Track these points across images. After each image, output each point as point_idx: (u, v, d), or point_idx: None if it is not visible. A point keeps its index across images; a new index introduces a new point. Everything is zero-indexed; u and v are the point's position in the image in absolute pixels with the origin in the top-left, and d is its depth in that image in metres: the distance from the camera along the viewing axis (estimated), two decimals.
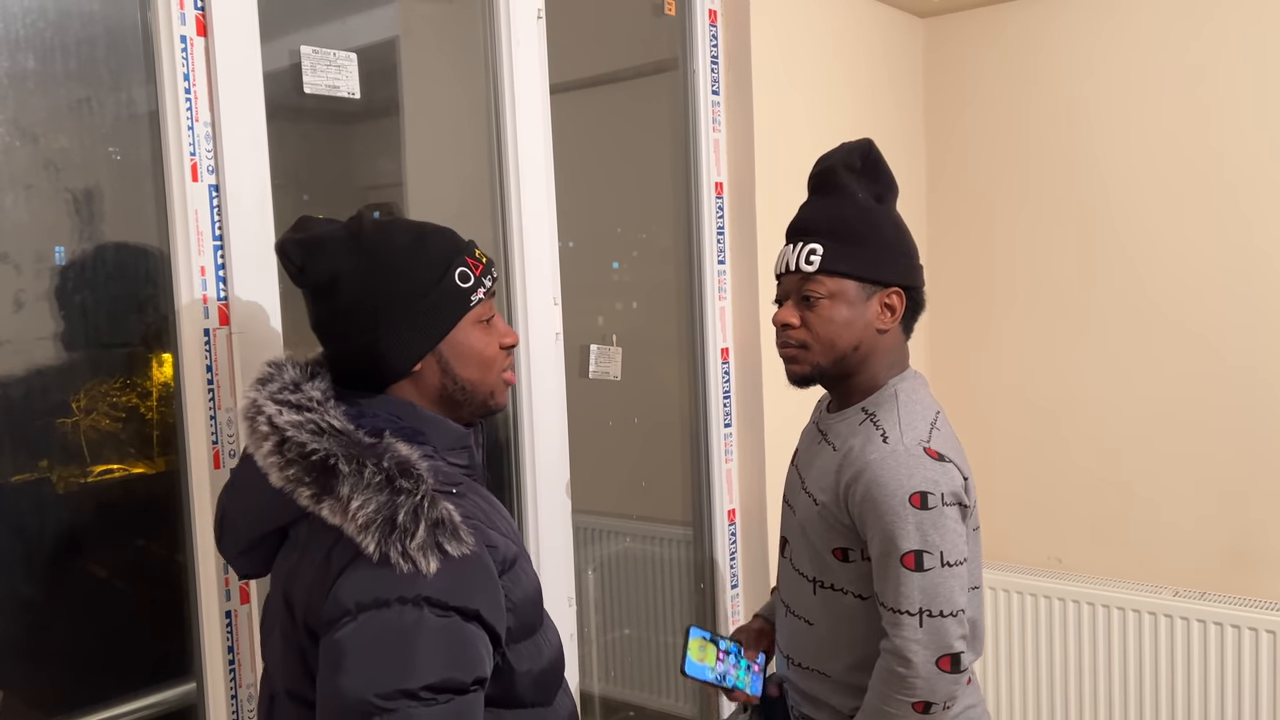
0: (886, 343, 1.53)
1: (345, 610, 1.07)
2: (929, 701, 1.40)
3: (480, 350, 1.26)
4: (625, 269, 2.43)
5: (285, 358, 1.25)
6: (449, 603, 1.08)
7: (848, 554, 1.50)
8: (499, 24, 1.92)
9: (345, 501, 1.08)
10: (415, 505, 1.08)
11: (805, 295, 1.50)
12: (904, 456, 1.42)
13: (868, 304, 1.49)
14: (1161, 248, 2.64)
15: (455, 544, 1.09)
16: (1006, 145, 2.86)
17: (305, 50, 1.60)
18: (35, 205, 1.39)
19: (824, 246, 1.48)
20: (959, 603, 1.41)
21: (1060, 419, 2.83)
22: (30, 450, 1.39)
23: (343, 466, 1.09)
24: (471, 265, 1.25)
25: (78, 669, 1.45)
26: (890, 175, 1.56)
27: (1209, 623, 2.52)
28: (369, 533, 1.07)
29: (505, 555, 1.18)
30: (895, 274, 1.51)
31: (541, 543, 2.01)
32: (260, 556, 1.26)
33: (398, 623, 1.06)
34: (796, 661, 1.61)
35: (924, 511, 1.39)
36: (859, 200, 1.51)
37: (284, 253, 1.23)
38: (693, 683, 1.57)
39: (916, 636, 1.39)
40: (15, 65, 1.35)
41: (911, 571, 1.39)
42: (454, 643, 1.08)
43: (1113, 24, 2.67)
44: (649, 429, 2.49)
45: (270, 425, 1.13)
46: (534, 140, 1.97)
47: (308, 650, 1.14)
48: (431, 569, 1.06)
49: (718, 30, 2.38)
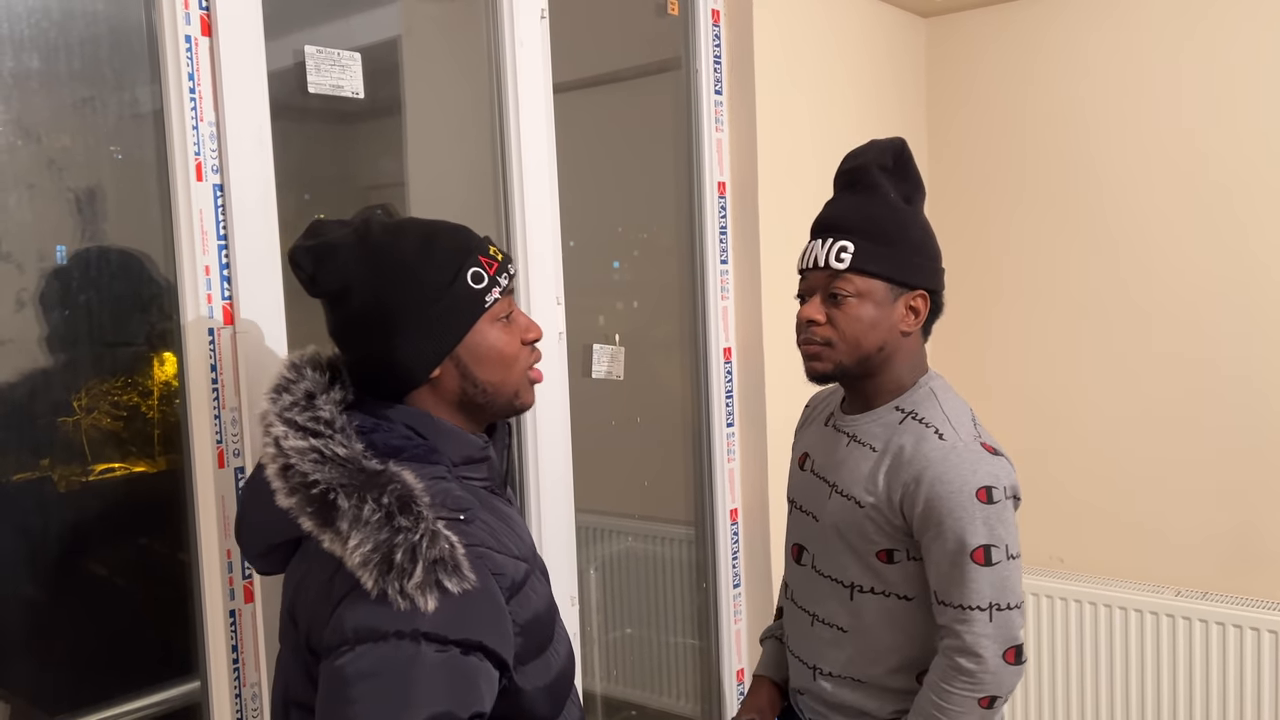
0: (909, 345, 1.53)
1: (344, 639, 1.05)
2: (994, 695, 1.41)
3: (501, 349, 1.22)
4: (627, 268, 2.43)
5: (307, 357, 1.22)
6: (448, 636, 1.05)
7: (893, 555, 1.48)
8: (502, 23, 1.92)
9: (344, 537, 1.06)
10: (413, 545, 1.05)
11: (833, 293, 1.48)
12: (965, 453, 1.42)
13: (894, 305, 1.49)
14: (1162, 248, 2.64)
15: (456, 580, 1.05)
16: (1008, 145, 2.87)
17: (309, 50, 1.60)
18: (38, 205, 1.39)
19: (855, 245, 1.47)
20: (1020, 594, 1.43)
21: (1061, 419, 2.83)
22: (32, 449, 1.39)
23: (341, 502, 1.07)
24: (485, 264, 1.21)
25: (81, 668, 1.45)
26: (919, 177, 1.56)
27: (1211, 623, 2.52)
28: (366, 570, 1.04)
29: (513, 579, 1.15)
30: (923, 277, 1.51)
31: (544, 542, 2.01)
32: (278, 559, 1.25)
33: (394, 657, 1.03)
34: (826, 671, 1.57)
35: (990, 506, 1.40)
36: (891, 200, 1.50)
37: (295, 261, 1.20)
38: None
39: (987, 631, 1.39)
40: (19, 64, 1.35)
41: (981, 566, 1.39)
42: (452, 677, 1.05)
43: (1114, 24, 2.67)
44: (651, 428, 2.49)
45: (277, 447, 1.12)
46: (537, 139, 1.97)
47: (312, 666, 1.13)
48: (430, 607, 1.03)
49: (720, 30, 2.38)
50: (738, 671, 2.51)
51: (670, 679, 2.54)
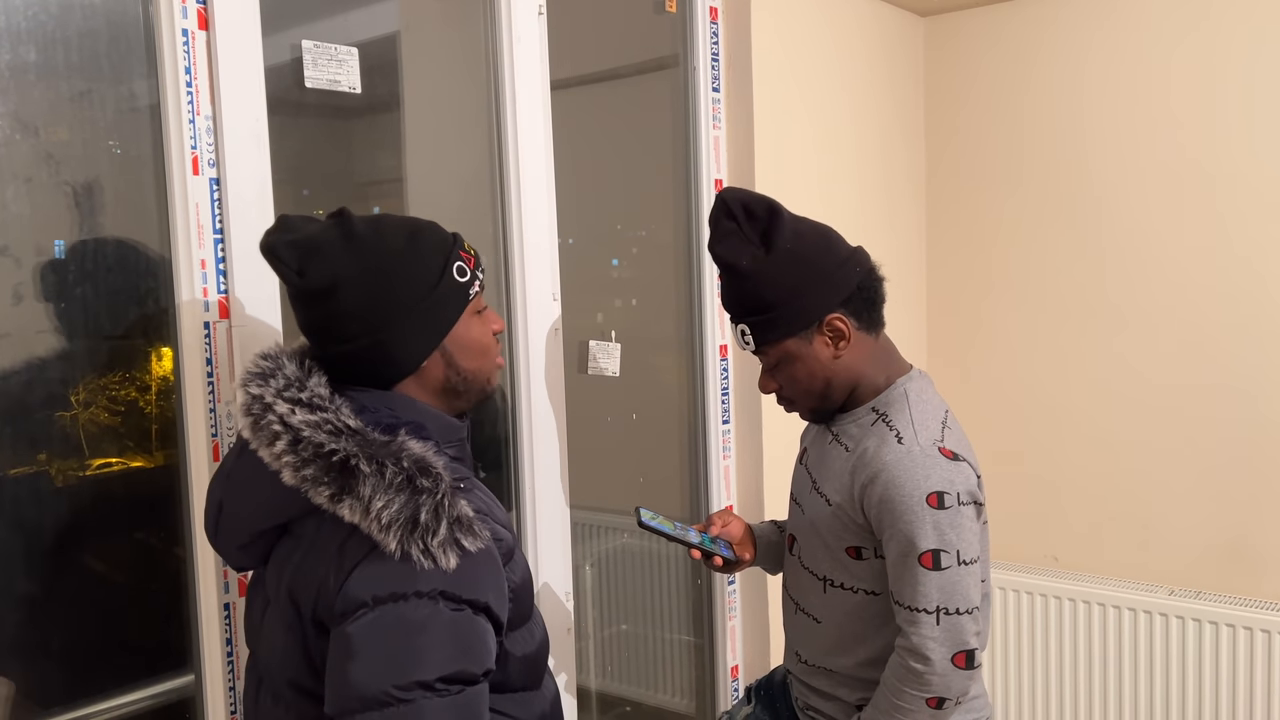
0: (856, 358, 1.53)
1: (361, 603, 1.08)
2: (943, 697, 1.42)
3: (480, 339, 1.29)
4: (624, 266, 2.43)
5: (276, 349, 1.24)
6: (463, 596, 1.10)
7: (860, 552, 1.51)
8: (500, 19, 1.92)
9: (366, 501, 1.09)
10: (437, 504, 1.10)
11: (765, 366, 1.56)
12: (920, 457, 1.43)
13: (812, 346, 1.51)
14: (1160, 247, 2.65)
15: (471, 539, 1.11)
16: (1007, 143, 2.87)
17: (306, 45, 1.60)
18: (35, 198, 1.39)
19: (747, 325, 1.52)
20: (974, 600, 1.43)
21: (1056, 417, 2.84)
22: (29, 443, 1.39)
23: (364, 467, 1.10)
24: (465, 259, 1.27)
25: (76, 661, 1.45)
26: (763, 204, 1.52)
27: (1204, 622, 2.53)
28: (391, 531, 1.08)
29: (508, 545, 1.22)
30: (817, 306, 1.49)
31: (539, 538, 2.01)
32: (259, 550, 1.26)
33: (413, 615, 1.08)
34: (804, 658, 1.63)
35: (941, 511, 1.41)
36: (746, 268, 1.49)
37: (275, 255, 1.21)
38: (650, 534, 1.59)
39: (934, 634, 1.41)
40: (16, 58, 1.35)
41: (929, 570, 1.41)
42: (466, 635, 1.11)
43: (1112, 23, 2.68)
44: (647, 425, 2.49)
45: (283, 424, 1.14)
46: (534, 136, 1.97)
47: (313, 643, 1.15)
48: (452, 564, 1.09)
49: (718, 27, 2.39)
50: (732, 668, 2.51)
51: (665, 675, 2.55)
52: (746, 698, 1.83)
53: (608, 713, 2.48)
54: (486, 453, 1.99)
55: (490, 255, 1.97)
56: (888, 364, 1.56)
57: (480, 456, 2.00)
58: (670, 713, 2.56)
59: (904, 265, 2.90)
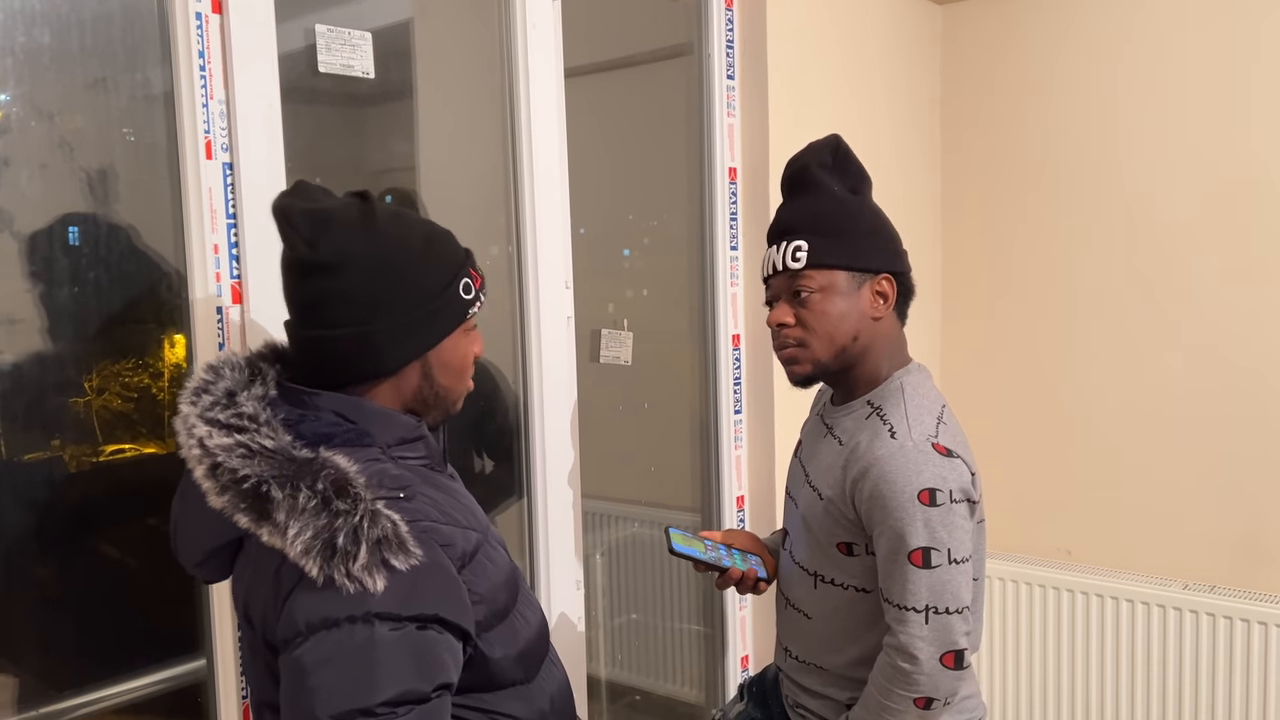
0: (884, 330, 1.52)
1: (298, 631, 1.06)
2: (931, 697, 1.40)
3: (462, 358, 1.27)
4: (637, 255, 2.43)
5: (223, 359, 1.21)
6: (401, 614, 1.06)
7: (851, 548, 1.49)
8: (514, 6, 1.91)
9: (282, 528, 1.06)
10: (354, 527, 1.05)
11: (796, 291, 1.50)
12: (912, 453, 1.41)
13: (860, 293, 1.49)
14: (1181, 242, 2.62)
15: (402, 558, 1.06)
16: (1024, 134, 2.84)
17: (320, 29, 1.59)
18: (50, 184, 1.39)
19: (808, 241, 1.48)
20: (964, 599, 1.41)
21: (1071, 410, 2.82)
22: (43, 429, 1.40)
23: (275, 493, 1.07)
24: (473, 277, 1.27)
25: (89, 646, 1.46)
26: (861, 167, 1.56)
27: (1218, 616, 2.51)
28: (309, 558, 1.04)
29: (464, 549, 1.16)
30: (883, 260, 1.51)
31: (550, 527, 2.01)
32: (217, 566, 1.24)
33: (349, 641, 1.04)
34: (794, 655, 1.61)
35: (932, 508, 1.38)
36: (835, 194, 1.51)
37: (289, 220, 1.17)
38: (682, 560, 1.56)
39: (922, 633, 1.39)
40: (31, 42, 1.35)
41: (919, 568, 1.38)
42: (413, 653, 1.07)
43: (1139, 10, 2.64)
44: (659, 414, 2.49)
45: (201, 447, 1.11)
46: (548, 124, 1.96)
47: (273, 664, 1.13)
48: (379, 587, 1.04)
49: (733, 15, 2.37)
50: (742, 658, 2.51)
51: (675, 665, 2.55)
52: (739, 695, 1.81)
53: (617, 702, 2.48)
54: (498, 443, 1.99)
55: (503, 243, 1.97)
56: (896, 352, 1.55)
57: (491, 446, 2.00)
58: (680, 702, 2.57)
59: (918, 256, 2.84)
